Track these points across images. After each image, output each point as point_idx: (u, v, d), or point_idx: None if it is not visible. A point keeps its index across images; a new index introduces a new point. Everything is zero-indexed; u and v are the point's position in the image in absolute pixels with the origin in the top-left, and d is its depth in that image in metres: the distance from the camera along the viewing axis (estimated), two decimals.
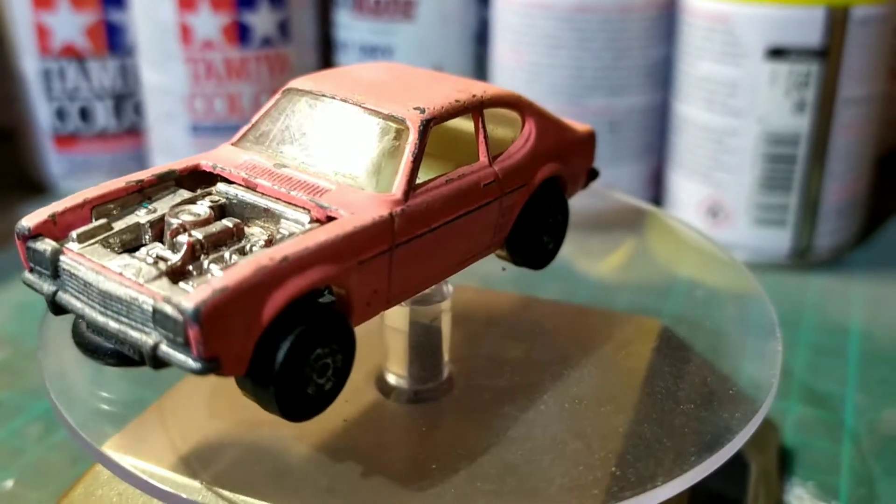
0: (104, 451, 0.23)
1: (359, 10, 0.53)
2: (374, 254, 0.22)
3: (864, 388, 0.36)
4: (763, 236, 0.46)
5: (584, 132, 0.30)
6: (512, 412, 0.26)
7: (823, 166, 0.44)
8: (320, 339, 0.21)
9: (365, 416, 0.26)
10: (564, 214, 0.30)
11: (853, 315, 0.42)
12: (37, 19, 0.52)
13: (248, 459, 0.24)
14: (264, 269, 0.19)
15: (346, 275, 0.21)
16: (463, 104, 0.25)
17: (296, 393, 0.21)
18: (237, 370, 0.20)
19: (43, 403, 0.34)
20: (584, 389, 0.28)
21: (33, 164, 0.57)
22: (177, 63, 0.50)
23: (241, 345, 0.20)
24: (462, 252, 0.25)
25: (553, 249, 0.29)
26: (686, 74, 0.46)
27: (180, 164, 0.25)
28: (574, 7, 0.46)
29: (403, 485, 0.24)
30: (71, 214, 0.23)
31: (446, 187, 0.24)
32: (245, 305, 0.19)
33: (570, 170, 0.29)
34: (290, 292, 0.20)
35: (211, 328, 0.19)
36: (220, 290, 0.19)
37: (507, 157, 0.26)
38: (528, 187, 0.27)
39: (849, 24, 0.42)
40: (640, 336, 0.31)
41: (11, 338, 0.39)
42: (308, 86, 0.26)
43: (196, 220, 0.22)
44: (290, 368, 0.20)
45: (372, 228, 0.22)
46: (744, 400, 0.27)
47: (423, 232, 0.23)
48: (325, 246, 0.21)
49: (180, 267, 0.21)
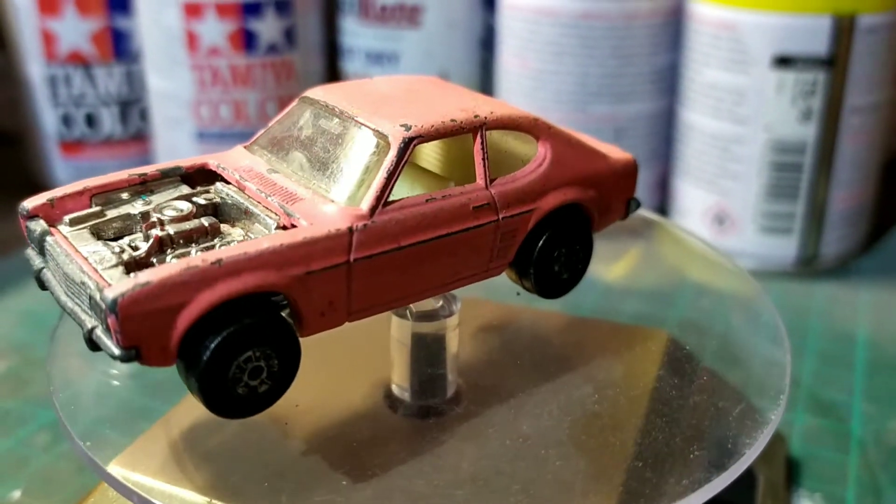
0: (111, 472, 0.23)
1: (365, 17, 0.53)
2: (326, 266, 0.22)
3: (870, 397, 0.36)
4: (769, 244, 0.46)
5: (622, 161, 0.29)
6: (518, 427, 0.26)
7: (830, 174, 0.44)
8: (252, 342, 0.21)
9: (373, 430, 0.26)
10: (585, 244, 0.29)
11: (860, 323, 0.42)
12: (43, 25, 0.53)
13: (255, 477, 0.24)
14: (192, 269, 0.20)
15: (289, 283, 0.21)
16: (459, 124, 0.25)
17: (222, 390, 0.21)
18: (162, 362, 0.21)
19: (50, 413, 0.34)
20: (592, 404, 0.27)
21: (39, 169, 0.57)
22: (183, 69, 0.50)
23: (163, 338, 0.20)
24: (447, 273, 0.25)
25: (568, 280, 0.28)
26: (692, 82, 0.46)
27: (188, 162, 0.26)
28: (579, 14, 0.46)
29: (412, 502, 0.24)
30: (70, 200, 0.24)
31: (425, 206, 0.24)
32: (167, 301, 0.20)
33: (599, 199, 0.28)
34: (221, 294, 0.21)
35: (127, 319, 0.20)
36: (142, 284, 0.20)
37: (510, 180, 0.26)
38: (534, 213, 0.26)
39: (855, 33, 0.42)
40: (647, 348, 0.30)
41: (18, 346, 0.39)
42: (318, 95, 0.27)
43: (176, 216, 0.23)
44: (215, 366, 0.21)
45: (324, 241, 0.22)
46: (753, 414, 0.27)
47: (391, 249, 0.23)
48: (266, 253, 0.21)
49: (144, 259, 0.22)
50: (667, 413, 0.27)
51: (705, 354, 0.32)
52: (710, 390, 0.29)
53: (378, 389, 0.28)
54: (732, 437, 0.26)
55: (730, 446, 0.25)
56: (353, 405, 0.27)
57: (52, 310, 0.43)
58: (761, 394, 0.28)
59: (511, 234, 0.26)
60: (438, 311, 0.27)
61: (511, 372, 0.29)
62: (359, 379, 0.29)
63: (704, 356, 0.32)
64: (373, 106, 0.25)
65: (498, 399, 0.28)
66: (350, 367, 0.30)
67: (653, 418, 0.27)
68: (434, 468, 0.25)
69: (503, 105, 0.27)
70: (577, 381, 0.29)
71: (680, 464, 0.25)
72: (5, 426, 0.34)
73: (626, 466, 0.25)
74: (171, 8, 0.49)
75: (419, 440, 0.26)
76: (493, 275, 0.27)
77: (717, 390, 0.29)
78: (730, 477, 0.24)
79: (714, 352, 0.34)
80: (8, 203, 0.56)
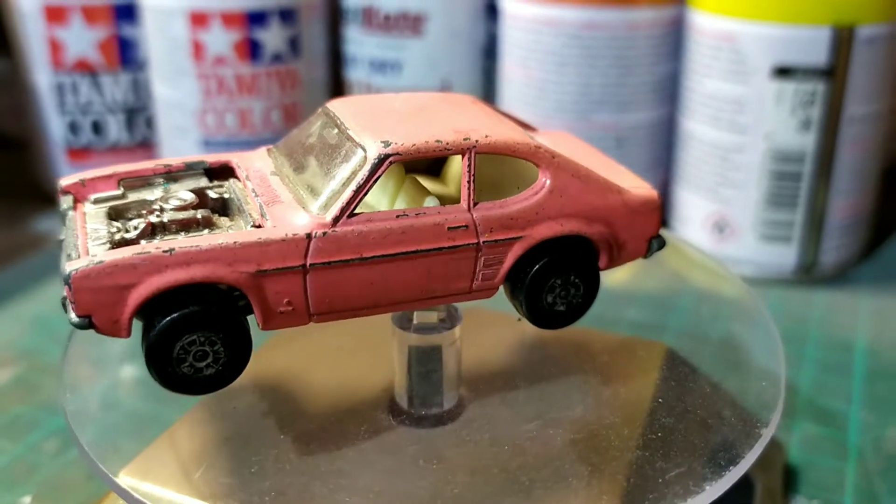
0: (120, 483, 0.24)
1: (368, 26, 0.54)
2: (280, 267, 0.23)
3: (869, 405, 0.36)
4: (769, 252, 0.46)
5: (641, 198, 0.28)
6: (518, 438, 0.27)
7: (829, 183, 0.45)
8: (196, 327, 0.23)
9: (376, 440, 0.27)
10: (586, 279, 0.28)
11: (858, 331, 0.42)
12: (50, 34, 0.53)
13: (263, 487, 0.25)
14: (143, 255, 0.22)
15: (239, 279, 0.23)
16: (444, 145, 0.25)
17: (168, 367, 0.23)
18: (114, 333, 0.23)
19: (59, 419, 0.35)
20: (592, 414, 0.28)
21: (46, 176, 0.57)
22: (189, 78, 0.51)
23: (114, 312, 0.23)
24: (420, 289, 0.25)
25: (565, 313, 0.28)
26: (692, 91, 0.47)
27: (213, 158, 0.28)
28: (582, 24, 0.47)
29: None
30: (100, 182, 0.27)
31: (393, 221, 0.24)
32: (117, 280, 0.22)
33: (610, 234, 0.27)
34: (169, 280, 0.23)
35: (79, 291, 0.22)
36: (96, 262, 0.22)
37: (499, 205, 0.26)
38: (523, 241, 0.26)
39: (854, 44, 0.42)
40: (646, 360, 0.31)
41: (27, 352, 0.40)
42: (333, 106, 0.27)
43: (178, 206, 0.25)
44: (160, 344, 0.23)
45: (279, 244, 0.23)
46: (749, 422, 0.27)
47: (352, 259, 0.24)
48: (218, 248, 0.23)
49: (135, 240, 0.24)
50: (664, 422, 0.27)
51: (703, 362, 0.33)
52: (708, 398, 0.29)
53: (382, 399, 0.28)
54: (729, 444, 0.26)
55: (726, 454, 0.25)
56: (357, 415, 0.28)
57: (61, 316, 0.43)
58: (758, 401, 0.29)
59: (496, 259, 0.26)
60: (439, 325, 0.28)
61: (511, 382, 0.29)
62: (364, 389, 0.29)
63: (702, 364, 0.33)
64: (372, 121, 0.26)
65: (498, 408, 0.28)
66: (356, 376, 0.30)
67: (651, 427, 0.27)
68: (434, 476, 0.25)
69: (512, 130, 0.27)
70: (577, 392, 0.29)
71: (677, 471, 0.25)
72: (15, 432, 0.34)
73: (625, 475, 0.25)
74: (178, 17, 0.50)
75: (421, 449, 0.27)
76: (479, 297, 0.27)
77: (715, 398, 0.29)
78: (726, 484, 0.24)
79: (712, 359, 0.34)
80: (15, 209, 0.57)
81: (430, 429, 0.28)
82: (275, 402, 0.29)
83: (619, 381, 0.30)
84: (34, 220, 0.55)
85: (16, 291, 0.45)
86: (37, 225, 0.55)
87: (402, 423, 0.28)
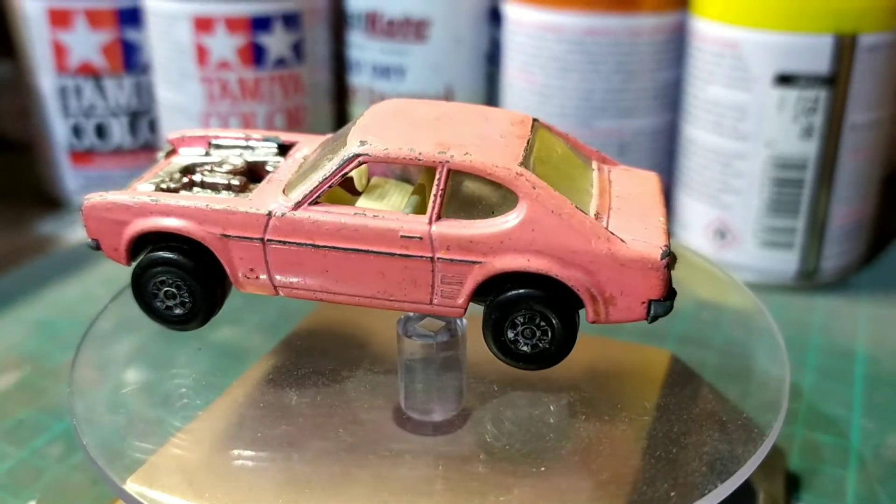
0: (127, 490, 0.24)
1: (372, 31, 0.54)
2: (241, 235, 0.26)
3: (870, 411, 0.36)
4: (770, 258, 0.46)
5: (636, 252, 0.25)
6: (521, 446, 0.27)
7: (830, 190, 0.45)
8: (164, 270, 0.27)
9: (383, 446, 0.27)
10: (556, 325, 0.26)
11: (860, 337, 0.42)
12: (54, 37, 0.53)
13: (271, 495, 0.25)
14: (136, 200, 0.27)
15: (205, 237, 0.26)
16: (416, 156, 0.25)
17: (145, 299, 0.28)
18: (115, 259, 0.28)
19: (64, 423, 0.35)
20: (594, 421, 0.28)
21: (49, 179, 0.58)
22: (192, 82, 0.51)
23: (113, 241, 0.28)
24: (377, 289, 0.26)
25: (530, 355, 0.26)
26: (695, 98, 0.47)
27: (286, 136, 0.31)
28: (585, 30, 0.47)
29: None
30: (195, 140, 0.31)
31: (348, 217, 0.25)
32: (113, 216, 0.27)
33: (593, 284, 0.25)
34: (151, 225, 0.27)
35: (87, 218, 0.28)
36: (101, 197, 0.27)
37: (465, 225, 0.25)
38: (483, 267, 0.25)
39: (857, 52, 0.42)
40: (650, 367, 0.31)
41: (31, 356, 0.40)
42: (373, 106, 0.29)
43: (227, 170, 0.29)
44: (137, 276, 0.28)
45: (241, 215, 0.26)
46: (751, 428, 0.28)
47: (304, 243, 0.26)
48: (192, 208, 0.26)
49: (174, 189, 0.28)
50: (668, 430, 0.27)
51: (705, 368, 0.33)
52: (711, 407, 0.29)
53: (388, 405, 0.29)
54: (731, 450, 0.26)
55: (728, 460, 0.25)
56: (363, 422, 0.28)
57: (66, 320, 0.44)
58: (760, 408, 0.29)
59: (455, 279, 0.25)
60: (443, 332, 0.28)
61: (514, 390, 0.30)
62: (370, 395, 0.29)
63: (704, 370, 0.33)
64: (381, 123, 0.27)
65: (502, 416, 0.28)
66: (361, 383, 0.30)
67: (654, 435, 0.27)
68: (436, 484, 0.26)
69: (501, 154, 0.25)
70: (580, 399, 0.29)
71: (679, 478, 0.25)
72: (20, 436, 0.34)
73: (628, 480, 0.25)
74: (182, 22, 0.50)
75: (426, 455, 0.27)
76: (445, 314, 0.26)
77: (717, 405, 0.30)
78: (725, 491, 0.24)
79: (714, 366, 0.34)
80: (19, 212, 0.57)
81: (431, 436, 0.28)
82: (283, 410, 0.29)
83: (623, 387, 0.30)
84: (38, 223, 0.55)
85: (19, 295, 0.45)
86: (40, 228, 0.55)
87: (407, 430, 0.28)
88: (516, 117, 0.28)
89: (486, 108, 0.29)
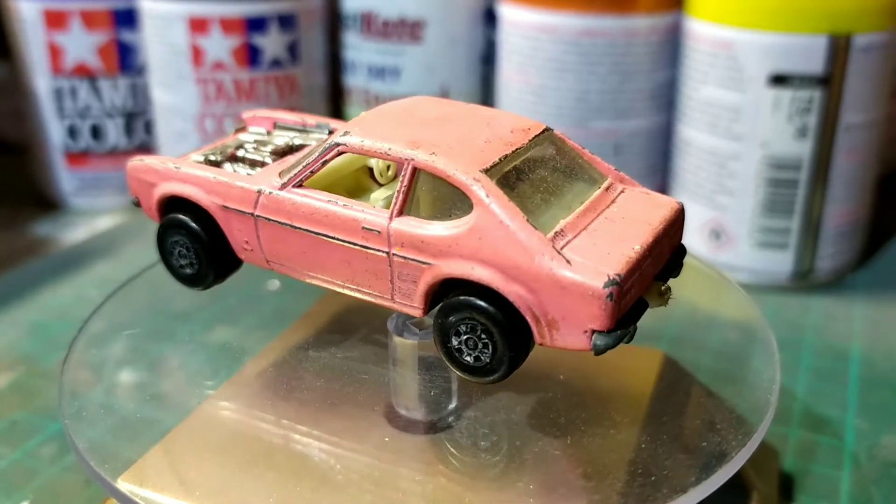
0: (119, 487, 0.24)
1: (367, 32, 0.54)
2: (237, 208, 0.28)
3: (864, 412, 0.36)
4: (765, 259, 0.46)
5: (576, 278, 0.23)
6: (514, 444, 0.27)
7: (825, 190, 0.45)
8: (176, 230, 0.30)
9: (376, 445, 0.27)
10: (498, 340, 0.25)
11: (854, 338, 0.42)
12: (49, 39, 0.53)
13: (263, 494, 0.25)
14: (164, 166, 0.30)
15: (209, 206, 0.29)
16: (386, 151, 0.26)
17: (165, 256, 0.31)
18: (152, 217, 0.31)
19: (57, 424, 0.35)
20: (587, 419, 0.28)
21: (45, 180, 0.58)
22: (188, 83, 0.51)
23: (148, 201, 0.30)
24: (344, 274, 0.27)
25: (475, 367, 0.25)
26: (690, 98, 0.47)
27: (335, 123, 0.32)
28: (580, 31, 0.47)
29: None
30: (262, 121, 0.33)
31: (322, 203, 0.26)
32: (147, 178, 0.30)
33: (535, 303, 0.24)
34: (172, 190, 0.29)
35: (129, 178, 0.31)
36: (139, 161, 0.30)
37: (421, 225, 0.25)
38: (433, 269, 0.25)
39: (851, 52, 0.42)
40: (643, 367, 0.31)
41: (25, 357, 0.40)
42: (357, 111, 0.30)
43: (268, 150, 0.31)
44: (160, 235, 0.30)
45: (237, 189, 0.28)
46: (743, 425, 0.28)
47: (284, 222, 0.27)
48: (201, 177, 0.29)
49: (218, 162, 0.30)
50: (660, 429, 0.28)
51: (699, 368, 0.33)
52: (704, 406, 0.29)
53: (379, 403, 0.29)
54: (722, 447, 0.26)
55: (719, 456, 0.26)
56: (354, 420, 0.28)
57: (59, 321, 0.43)
58: (751, 406, 0.29)
59: (409, 276, 0.25)
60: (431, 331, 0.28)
61: (506, 390, 0.30)
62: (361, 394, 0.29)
63: (698, 370, 0.33)
64: (378, 118, 0.28)
65: (495, 415, 0.28)
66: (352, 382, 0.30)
67: (646, 433, 0.27)
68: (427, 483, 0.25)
69: (470, 159, 0.25)
70: (573, 398, 0.29)
71: (670, 474, 0.25)
72: (13, 438, 0.34)
73: (621, 477, 0.25)
74: (177, 23, 0.50)
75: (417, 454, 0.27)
76: (406, 312, 0.26)
77: (708, 404, 0.30)
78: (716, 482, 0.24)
79: (707, 366, 0.34)
80: (14, 214, 0.57)
81: (422, 434, 0.28)
82: (274, 408, 0.29)
83: (616, 387, 0.30)
84: (33, 224, 0.55)
85: (14, 297, 0.45)
86: (35, 229, 0.55)
87: (400, 429, 0.28)
88: (524, 125, 0.27)
89: (499, 112, 0.29)
